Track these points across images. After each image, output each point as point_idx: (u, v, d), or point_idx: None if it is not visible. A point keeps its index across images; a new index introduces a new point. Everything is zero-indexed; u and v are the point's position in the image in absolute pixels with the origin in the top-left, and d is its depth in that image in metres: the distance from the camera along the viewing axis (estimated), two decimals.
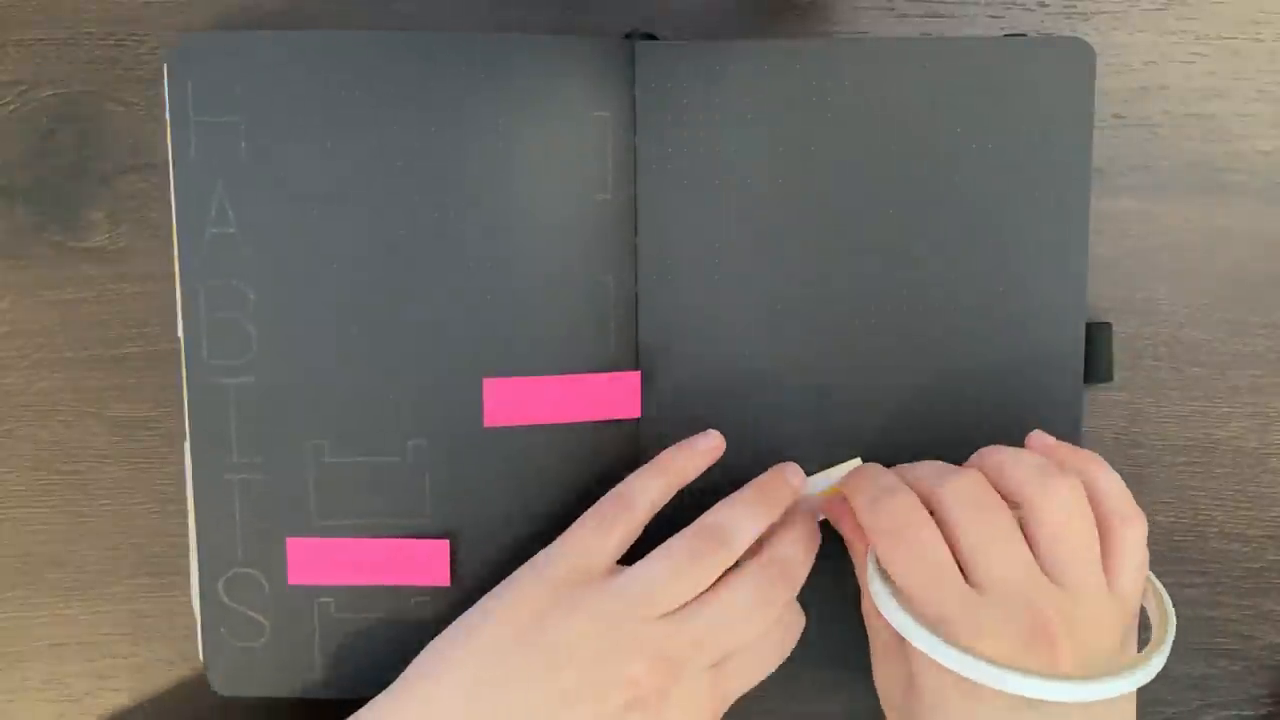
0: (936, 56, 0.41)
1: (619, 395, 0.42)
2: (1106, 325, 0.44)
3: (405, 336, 0.41)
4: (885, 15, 0.44)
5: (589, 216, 0.41)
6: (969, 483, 0.37)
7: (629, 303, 0.42)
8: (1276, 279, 0.44)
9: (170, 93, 0.41)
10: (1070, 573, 0.36)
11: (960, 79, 0.41)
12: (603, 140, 0.41)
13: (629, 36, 0.42)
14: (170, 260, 0.42)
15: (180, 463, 0.44)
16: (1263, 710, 0.46)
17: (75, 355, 0.44)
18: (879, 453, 0.42)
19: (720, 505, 0.39)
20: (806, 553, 0.39)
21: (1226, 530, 0.45)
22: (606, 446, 0.42)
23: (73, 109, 0.44)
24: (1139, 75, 0.44)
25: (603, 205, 0.41)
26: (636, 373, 0.42)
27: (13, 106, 0.44)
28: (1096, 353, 0.43)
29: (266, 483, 0.42)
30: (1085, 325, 0.42)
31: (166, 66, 0.41)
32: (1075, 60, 0.41)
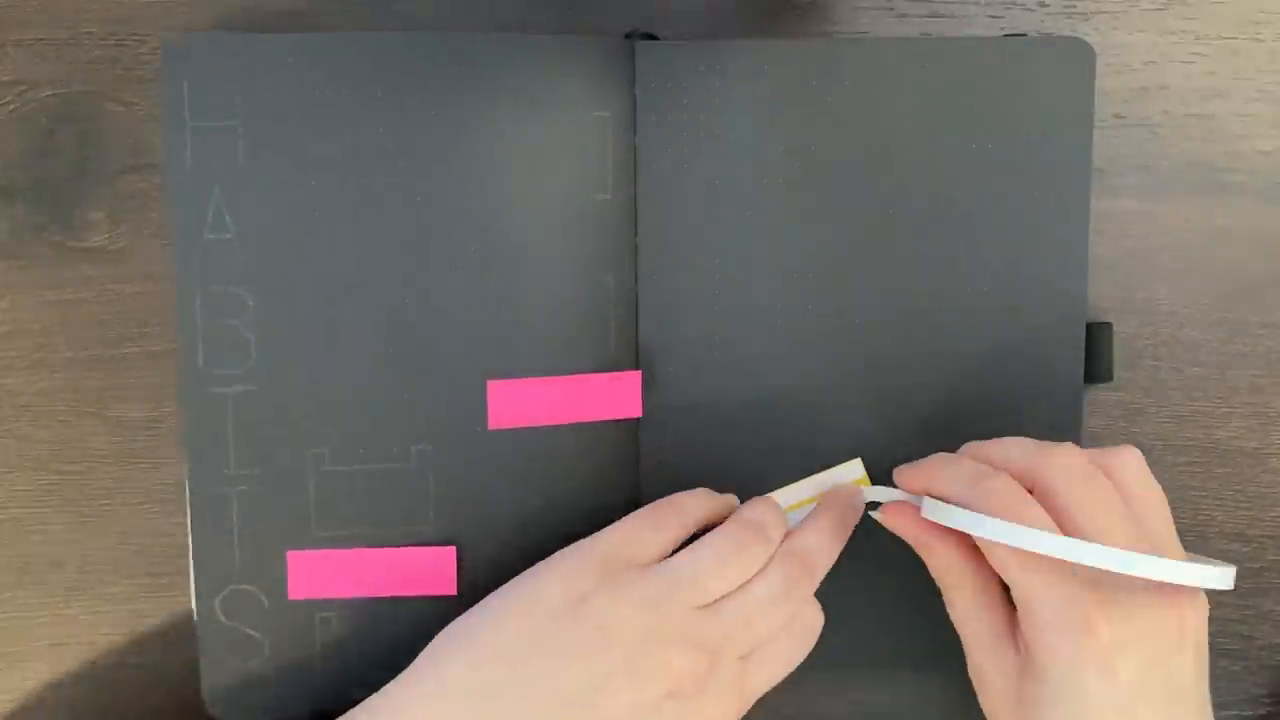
0: (936, 56, 0.41)
1: (620, 395, 0.42)
2: (1106, 325, 0.44)
3: (407, 340, 0.41)
4: (885, 15, 0.44)
5: (589, 216, 0.41)
6: (1071, 457, 0.37)
7: (629, 303, 0.42)
8: (1276, 279, 0.44)
9: (165, 95, 0.40)
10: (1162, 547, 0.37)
11: (960, 79, 0.41)
12: (603, 140, 0.41)
13: (629, 36, 0.42)
14: (171, 261, 0.42)
15: (180, 463, 0.43)
16: (1263, 710, 0.46)
17: (75, 355, 0.44)
18: (879, 452, 0.42)
19: (757, 500, 0.40)
20: (831, 543, 0.39)
21: (1226, 530, 0.45)
22: (608, 447, 0.42)
23: (73, 109, 0.44)
24: (1139, 75, 0.44)
25: (603, 205, 0.41)
26: (637, 372, 0.42)
27: (13, 106, 0.44)
28: (1096, 353, 0.43)
29: (265, 494, 0.41)
30: (1085, 325, 0.42)
31: (162, 69, 0.41)
32: (1075, 60, 0.41)
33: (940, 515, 0.37)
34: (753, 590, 0.37)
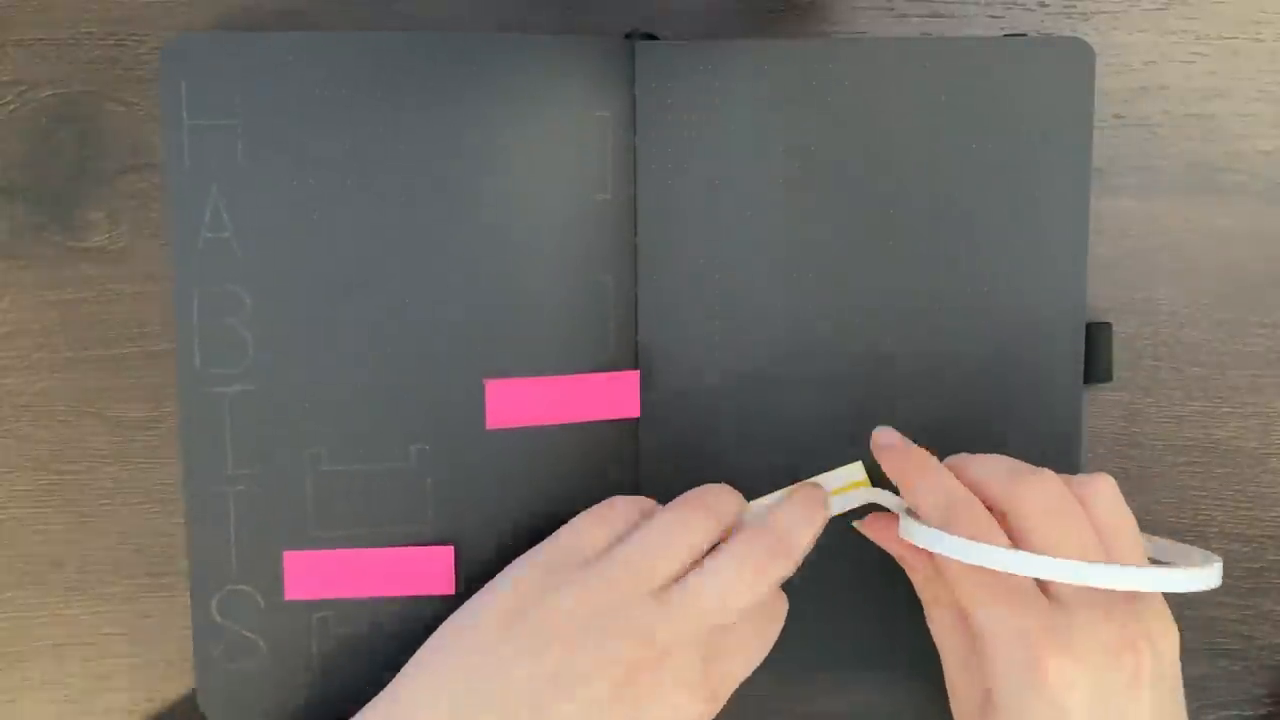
0: (936, 56, 0.41)
1: (619, 395, 0.42)
2: (1106, 325, 0.44)
3: (405, 339, 0.41)
4: (885, 15, 0.44)
5: (589, 216, 0.41)
6: (1046, 488, 0.36)
7: (629, 303, 0.42)
8: (1276, 279, 0.44)
9: (162, 95, 0.40)
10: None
11: (960, 79, 0.41)
12: (603, 140, 0.41)
13: (629, 36, 0.42)
14: (170, 261, 0.42)
15: (177, 462, 0.43)
16: (1263, 710, 0.46)
17: (75, 355, 0.44)
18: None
19: (707, 485, 0.39)
20: (806, 525, 0.38)
21: (1227, 530, 0.45)
22: (606, 446, 0.42)
23: (73, 109, 0.44)
24: (1139, 75, 0.44)
25: (603, 205, 0.41)
26: (636, 372, 0.42)
27: (13, 106, 0.44)
28: (1096, 353, 0.43)
29: (262, 494, 0.41)
30: (1085, 325, 0.42)
31: (160, 68, 0.41)
32: (1075, 60, 0.41)
33: (910, 533, 0.37)
34: (709, 568, 0.36)
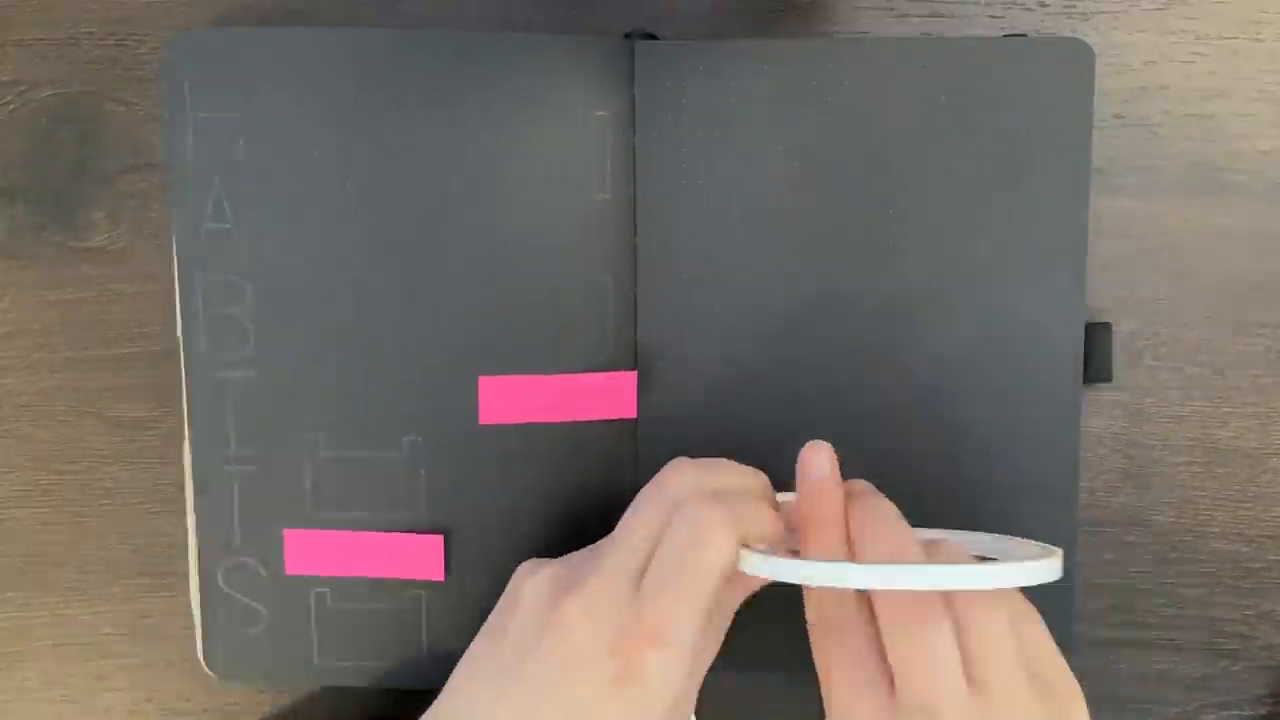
0: (936, 56, 0.41)
1: (615, 396, 0.42)
2: (1106, 325, 0.44)
3: (402, 333, 0.41)
4: (885, 15, 0.44)
5: (588, 216, 0.41)
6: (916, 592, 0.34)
7: (628, 303, 0.42)
8: (1276, 279, 0.44)
9: (167, 88, 0.41)
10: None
11: (960, 79, 0.41)
12: (602, 140, 0.41)
13: (629, 36, 0.42)
14: (170, 260, 0.42)
15: (180, 462, 0.44)
16: (1263, 710, 0.46)
17: (75, 355, 0.44)
18: (879, 454, 0.42)
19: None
20: (739, 480, 0.37)
21: (1227, 530, 0.45)
22: (602, 446, 0.42)
23: (73, 109, 0.44)
24: (1139, 75, 0.44)
25: (602, 205, 0.41)
26: (632, 373, 0.42)
27: (13, 106, 0.44)
28: (1096, 353, 0.43)
29: (264, 475, 0.42)
30: (1085, 325, 0.42)
31: (162, 60, 0.41)
32: (1075, 60, 0.41)
33: (743, 562, 0.35)
34: (664, 541, 0.35)
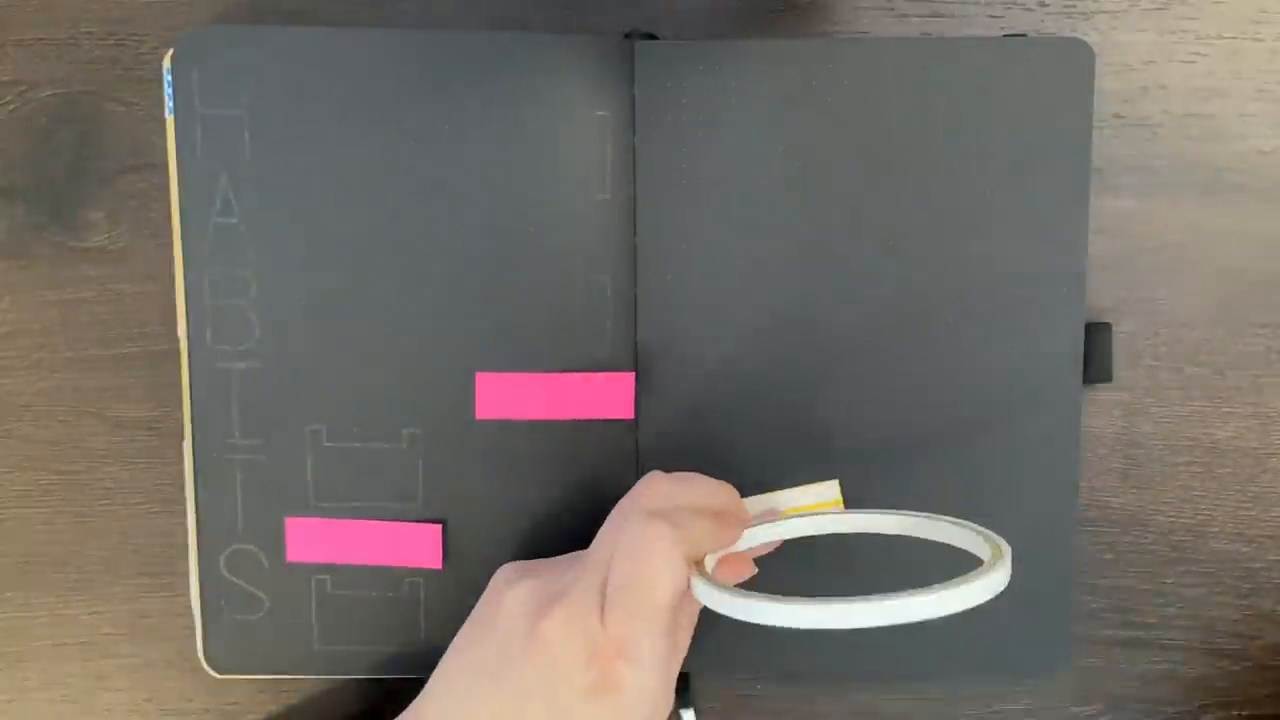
0: (936, 56, 0.41)
1: (612, 396, 0.42)
2: (1106, 325, 0.44)
3: (403, 328, 0.42)
4: (885, 15, 0.44)
5: (588, 216, 0.41)
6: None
7: (628, 303, 0.42)
8: (1276, 279, 0.44)
9: (175, 84, 0.41)
10: None
11: (960, 79, 0.41)
12: (602, 140, 0.41)
13: (629, 36, 0.42)
14: (170, 260, 0.42)
15: (180, 463, 0.44)
16: (1263, 710, 0.46)
17: (75, 355, 0.44)
18: (879, 454, 0.42)
19: None
20: (707, 493, 0.38)
21: (1226, 530, 0.45)
22: (599, 445, 0.42)
23: (73, 109, 0.44)
24: (1139, 75, 0.44)
25: (602, 205, 0.41)
26: (630, 374, 0.42)
27: (13, 106, 0.44)
28: (1096, 353, 0.43)
29: (267, 464, 0.42)
30: (1085, 325, 0.42)
31: (172, 57, 0.41)
32: (1075, 60, 0.41)
33: (700, 593, 0.35)
34: (613, 562, 0.36)
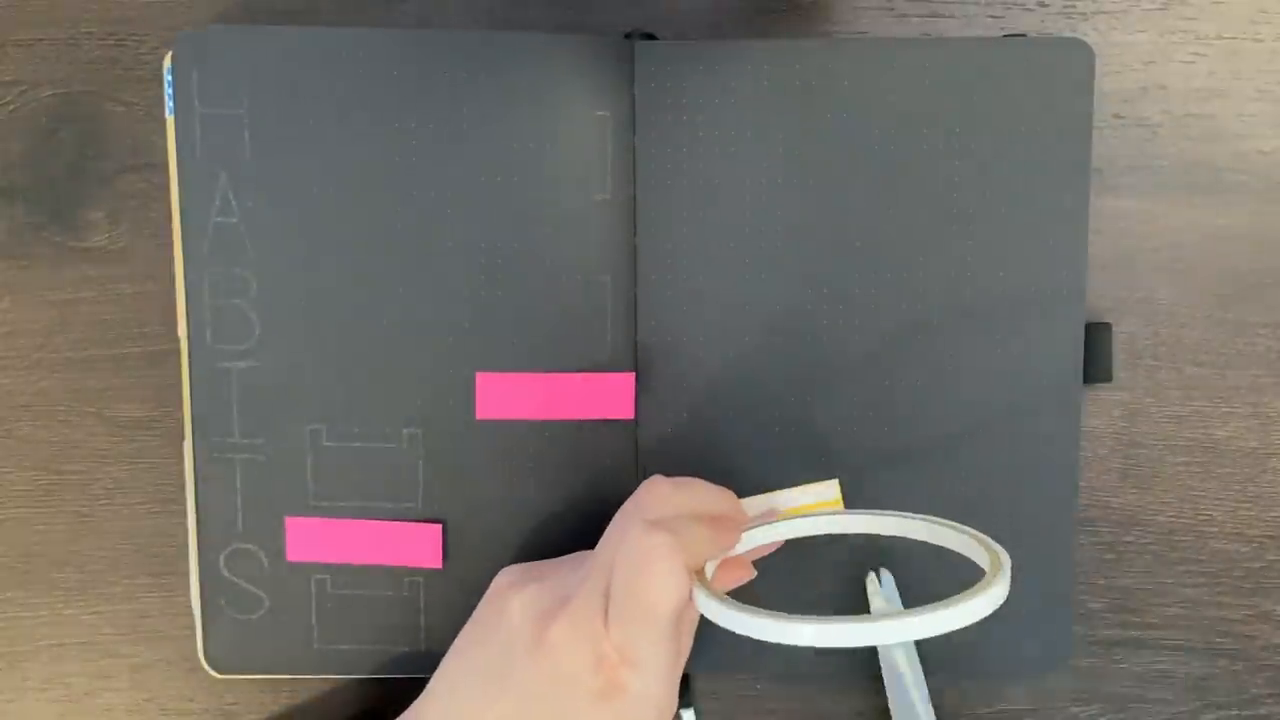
0: (936, 56, 0.41)
1: (612, 396, 0.42)
2: (1106, 325, 0.44)
3: (402, 328, 0.42)
4: (885, 15, 0.44)
5: (588, 216, 0.41)
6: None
7: (628, 303, 0.42)
8: (1276, 279, 0.44)
9: (175, 84, 0.41)
10: None
11: (960, 79, 0.41)
12: (602, 140, 0.41)
13: (629, 36, 0.42)
14: (170, 260, 0.42)
15: (180, 463, 0.44)
16: (1263, 710, 0.46)
17: (75, 355, 0.44)
18: (879, 453, 0.42)
19: None
20: (707, 499, 0.38)
21: (1227, 530, 0.45)
22: (599, 445, 0.42)
23: (73, 109, 0.44)
24: (1139, 75, 0.44)
25: (602, 205, 0.41)
26: (630, 374, 0.42)
27: (13, 106, 0.44)
28: (1096, 353, 0.43)
29: (267, 463, 0.42)
30: (1085, 325, 0.42)
31: (172, 57, 0.41)
32: (1074, 60, 0.41)
33: (704, 607, 0.35)
34: (615, 571, 0.36)
